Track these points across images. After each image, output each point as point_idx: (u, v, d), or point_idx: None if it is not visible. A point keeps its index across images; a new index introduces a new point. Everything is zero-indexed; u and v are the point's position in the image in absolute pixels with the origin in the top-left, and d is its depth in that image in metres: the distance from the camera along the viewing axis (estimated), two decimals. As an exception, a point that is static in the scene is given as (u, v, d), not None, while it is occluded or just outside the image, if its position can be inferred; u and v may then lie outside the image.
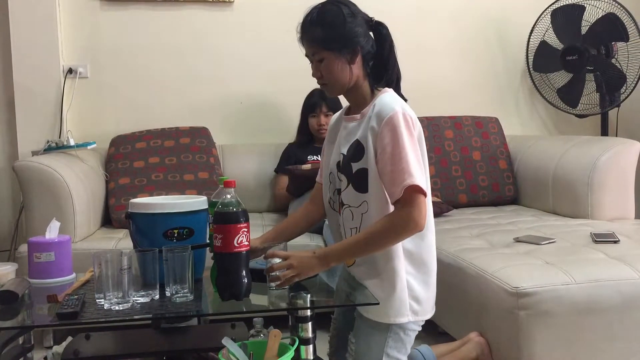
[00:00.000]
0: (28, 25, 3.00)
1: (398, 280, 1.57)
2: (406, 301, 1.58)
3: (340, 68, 1.60)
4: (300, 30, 1.64)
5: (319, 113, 2.96)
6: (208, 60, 3.28)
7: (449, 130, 3.22)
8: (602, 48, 3.19)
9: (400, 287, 1.58)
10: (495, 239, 2.31)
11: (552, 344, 1.78)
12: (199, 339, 1.70)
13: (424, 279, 1.62)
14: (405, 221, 1.49)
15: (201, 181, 2.88)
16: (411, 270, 1.59)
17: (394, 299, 1.57)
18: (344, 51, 1.59)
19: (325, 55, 1.60)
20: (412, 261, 1.60)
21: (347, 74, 1.61)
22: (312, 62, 1.65)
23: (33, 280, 1.67)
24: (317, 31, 1.59)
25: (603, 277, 1.83)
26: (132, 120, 3.17)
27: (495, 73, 3.59)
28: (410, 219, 1.48)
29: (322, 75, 1.63)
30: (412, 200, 1.48)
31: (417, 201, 1.48)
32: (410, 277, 1.59)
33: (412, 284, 1.59)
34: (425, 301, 1.62)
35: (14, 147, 3.08)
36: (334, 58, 1.59)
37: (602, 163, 2.64)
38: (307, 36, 1.62)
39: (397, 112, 1.53)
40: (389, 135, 1.52)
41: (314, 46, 1.61)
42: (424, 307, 1.61)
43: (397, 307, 1.58)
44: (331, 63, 1.60)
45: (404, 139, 1.51)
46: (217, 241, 1.43)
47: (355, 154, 1.59)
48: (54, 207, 2.40)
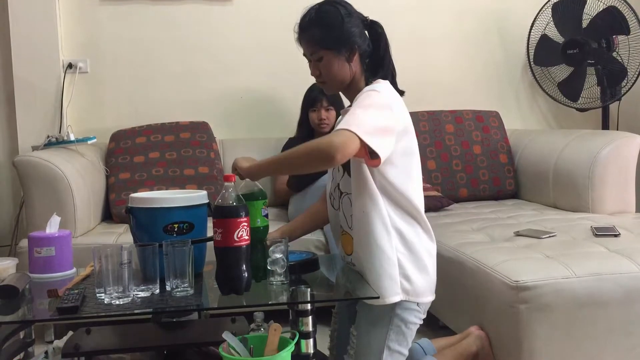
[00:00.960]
0: (28, 20, 3.00)
1: (386, 258, 1.58)
2: (397, 278, 1.59)
3: (339, 66, 1.64)
4: (298, 30, 1.68)
5: (320, 107, 2.96)
6: (208, 55, 3.28)
7: (450, 124, 3.22)
8: (603, 41, 3.18)
9: (388, 265, 1.58)
10: (495, 233, 2.31)
11: (553, 337, 1.78)
12: (199, 333, 1.71)
13: (415, 261, 1.62)
14: (321, 142, 1.45)
15: (201, 176, 2.88)
16: (402, 250, 1.61)
17: (384, 278, 1.58)
18: (342, 50, 1.63)
19: (324, 54, 1.64)
20: (402, 240, 1.61)
21: (346, 71, 1.65)
22: (310, 61, 1.69)
23: (33, 275, 1.68)
24: (316, 31, 1.64)
25: (603, 270, 1.83)
26: (132, 115, 3.17)
27: (496, 67, 3.58)
28: (328, 142, 1.43)
29: (320, 74, 1.67)
30: (341, 134, 1.44)
31: (346, 136, 1.43)
32: (401, 255, 1.60)
33: (402, 262, 1.60)
34: (418, 282, 1.61)
35: (14, 142, 3.08)
36: (333, 57, 1.63)
37: (603, 157, 2.63)
38: (306, 36, 1.66)
39: (374, 89, 1.58)
40: (356, 101, 1.57)
41: (312, 46, 1.65)
42: (415, 288, 1.61)
43: (387, 286, 1.58)
44: (330, 62, 1.64)
45: (366, 103, 1.54)
46: (216, 235, 1.43)
47: None
48: (54, 202, 2.40)
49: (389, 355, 1.62)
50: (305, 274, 1.65)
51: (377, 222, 1.58)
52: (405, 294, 1.60)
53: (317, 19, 1.64)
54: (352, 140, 1.44)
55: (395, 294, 1.59)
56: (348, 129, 1.45)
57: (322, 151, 1.44)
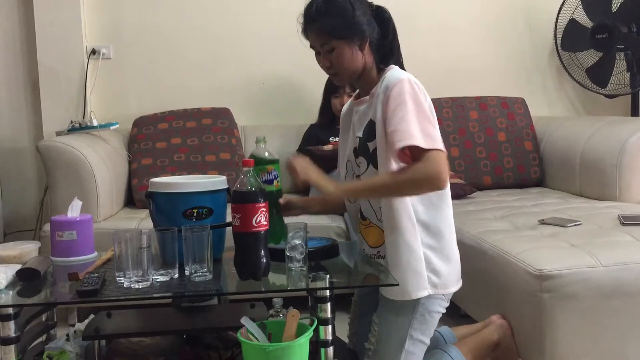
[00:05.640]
0: (51, 7, 3.02)
1: (412, 254, 1.56)
2: (424, 274, 1.57)
3: (351, 56, 1.60)
4: (304, 21, 1.63)
5: (342, 94, 2.93)
6: (231, 41, 3.27)
7: (474, 111, 3.17)
8: (634, 26, 3.10)
9: (415, 261, 1.56)
10: (519, 221, 2.27)
11: (576, 327, 1.75)
12: (218, 318, 1.71)
13: (443, 251, 1.60)
14: (427, 171, 1.47)
15: (223, 162, 2.88)
16: (428, 242, 1.58)
17: (410, 274, 1.56)
18: (355, 38, 1.59)
19: (336, 44, 1.59)
20: (428, 233, 1.58)
21: (358, 61, 1.61)
22: (320, 53, 1.64)
23: (55, 259, 1.69)
24: (326, 21, 1.59)
25: (630, 260, 1.79)
26: (154, 101, 3.19)
27: (523, 52, 3.51)
28: (434, 171, 1.46)
29: (331, 65, 1.63)
30: (434, 158, 1.47)
31: (439, 157, 1.47)
32: (428, 249, 1.58)
33: (429, 257, 1.58)
34: (447, 274, 1.60)
35: (38, 128, 3.12)
36: (345, 47, 1.59)
37: (632, 144, 2.57)
38: (315, 27, 1.61)
39: (402, 80, 1.54)
40: (394, 100, 1.52)
41: (323, 37, 1.60)
42: (444, 281, 1.60)
43: (415, 282, 1.56)
44: (342, 52, 1.60)
45: (406, 100, 1.51)
46: (235, 220, 1.43)
47: (370, 134, 1.60)
48: (77, 186, 2.42)
49: (411, 345, 1.61)
50: (324, 261, 1.64)
51: (404, 216, 1.56)
52: (433, 287, 1.59)
53: (326, 8, 1.58)
54: (444, 157, 1.48)
55: (423, 289, 1.57)
56: (435, 149, 1.47)
57: (433, 181, 1.47)
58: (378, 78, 1.64)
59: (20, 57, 3.14)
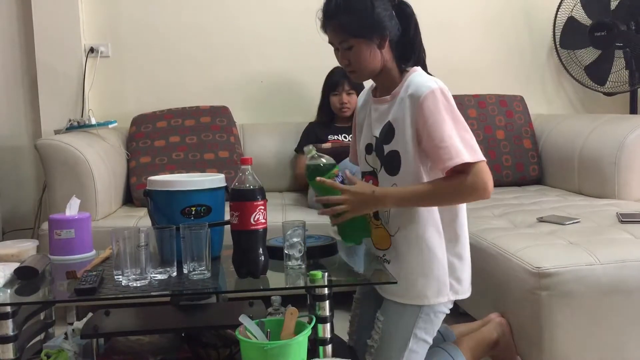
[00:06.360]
0: (49, 5, 3.01)
1: (436, 261, 1.57)
2: (447, 281, 1.59)
3: (370, 55, 1.56)
4: (323, 17, 1.59)
5: (341, 91, 2.93)
6: (229, 39, 3.26)
7: (473, 109, 3.16)
8: (632, 23, 3.09)
9: (438, 268, 1.57)
10: (518, 219, 2.27)
11: (575, 325, 1.75)
12: (217, 316, 1.71)
13: (463, 258, 1.62)
14: (474, 185, 1.49)
15: (222, 160, 2.88)
16: (451, 249, 1.60)
17: (431, 280, 1.57)
18: (373, 37, 1.55)
19: (354, 42, 1.56)
20: (451, 240, 1.60)
21: (377, 60, 1.57)
22: (338, 50, 1.61)
23: (54, 257, 1.69)
24: (345, 18, 1.55)
25: (629, 257, 1.79)
26: (153, 99, 3.18)
27: (521, 50, 3.51)
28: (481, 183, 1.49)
29: (349, 63, 1.59)
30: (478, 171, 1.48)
31: (482, 169, 1.49)
32: (451, 256, 1.60)
33: (453, 264, 1.60)
34: (465, 279, 1.63)
35: (37, 126, 3.11)
36: (364, 45, 1.55)
37: (630, 142, 2.57)
38: (333, 24, 1.57)
39: (433, 90, 1.50)
40: (431, 114, 1.49)
41: (341, 34, 1.56)
42: (464, 287, 1.64)
43: (435, 288, 1.58)
44: (361, 50, 1.56)
45: (443, 115, 1.49)
46: (233, 218, 1.43)
47: (387, 136, 1.58)
48: (75, 185, 2.42)
49: (415, 343, 1.61)
50: (323, 258, 1.64)
51: (430, 223, 1.57)
52: (454, 294, 1.61)
53: (345, 4, 1.53)
54: (487, 167, 1.50)
55: (443, 295, 1.59)
56: (478, 161, 1.48)
57: (480, 192, 1.50)
58: (400, 78, 1.60)
59: (18, 55, 3.13)
